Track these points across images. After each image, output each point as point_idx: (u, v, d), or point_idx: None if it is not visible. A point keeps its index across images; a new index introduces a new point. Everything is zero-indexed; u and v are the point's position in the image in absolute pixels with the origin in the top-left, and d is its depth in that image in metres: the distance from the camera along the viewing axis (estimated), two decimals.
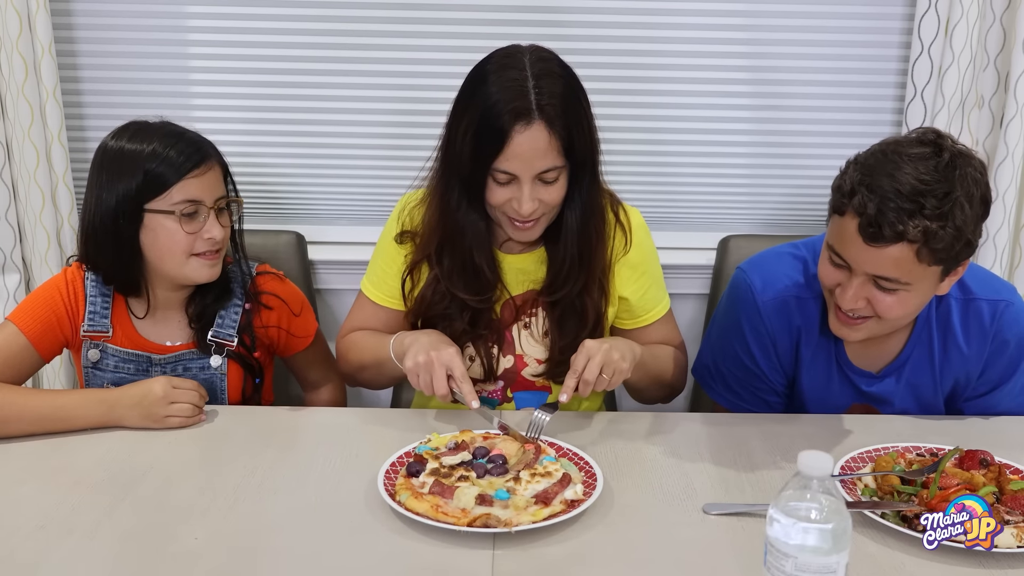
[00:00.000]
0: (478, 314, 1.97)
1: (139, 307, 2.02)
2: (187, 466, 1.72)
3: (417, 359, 1.78)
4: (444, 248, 1.94)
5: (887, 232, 1.65)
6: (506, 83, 1.77)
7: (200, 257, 1.93)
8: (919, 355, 1.95)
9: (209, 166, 1.93)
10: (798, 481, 1.22)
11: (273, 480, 1.66)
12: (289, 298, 2.13)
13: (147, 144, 1.89)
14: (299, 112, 2.69)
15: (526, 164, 1.78)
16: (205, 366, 2.03)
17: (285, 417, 1.96)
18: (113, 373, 2.01)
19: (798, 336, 1.97)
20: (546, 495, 1.55)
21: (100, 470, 1.68)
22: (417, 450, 1.70)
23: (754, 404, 2.05)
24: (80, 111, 2.66)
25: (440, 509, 1.51)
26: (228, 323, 2.04)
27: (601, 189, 1.95)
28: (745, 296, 1.98)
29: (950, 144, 1.71)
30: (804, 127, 2.71)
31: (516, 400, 2.05)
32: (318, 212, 2.80)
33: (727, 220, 2.80)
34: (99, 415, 1.83)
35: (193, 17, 2.62)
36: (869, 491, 1.61)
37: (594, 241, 1.94)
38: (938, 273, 1.73)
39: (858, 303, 1.76)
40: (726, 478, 1.69)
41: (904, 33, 2.61)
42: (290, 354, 2.18)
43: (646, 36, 2.63)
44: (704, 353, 2.14)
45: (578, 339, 1.89)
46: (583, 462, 1.70)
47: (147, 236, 1.90)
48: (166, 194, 1.87)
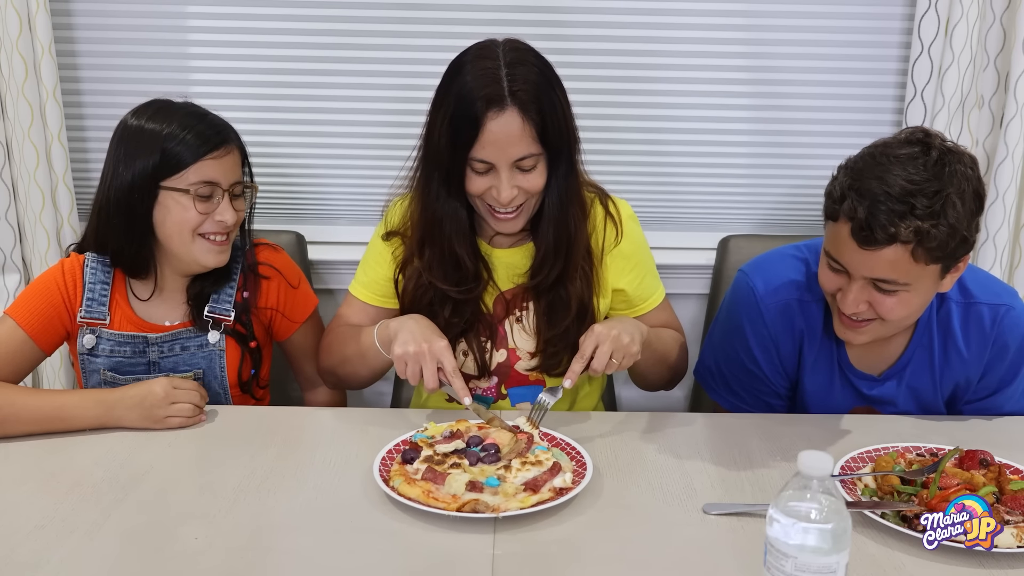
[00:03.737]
0: (460, 306, 1.97)
1: (144, 289, 2.02)
2: (187, 466, 1.73)
3: (407, 348, 1.77)
4: (425, 240, 1.95)
5: (879, 235, 1.65)
6: (479, 71, 1.80)
7: (208, 241, 1.94)
8: (920, 358, 1.95)
9: (228, 150, 1.94)
10: (798, 481, 1.22)
11: (273, 480, 1.66)
12: (285, 269, 2.13)
13: (167, 124, 1.90)
14: (300, 111, 2.69)
15: (501, 151, 1.80)
16: (203, 343, 2.03)
17: (285, 417, 1.96)
18: (108, 358, 2.00)
19: (801, 339, 1.97)
20: (535, 483, 1.58)
21: (100, 470, 1.68)
22: (413, 438, 1.72)
23: (756, 406, 2.05)
24: (80, 111, 2.66)
25: (431, 495, 1.54)
26: (224, 298, 2.04)
27: (580, 178, 1.96)
28: (747, 298, 1.98)
29: (939, 143, 1.71)
30: (804, 127, 2.71)
31: (511, 397, 2.05)
32: (319, 211, 2.80)
33: (727, 220, 2.80)
34: (98, 415, 1.83)
35: (194, 17, 2.62)
36: (869, 491, 1.61)
37: (573, 228, 1.94)
38: (937, 271, 1.73)
39: (859, 307, 1.76)
40: (726, 478, 1.69)
41: (904, 33, 2.61)
42: (289, 334, 2.16)
43: (645, 36, 2.63)
44: (706, 355, 2.14)
45: (566, 330, 1.93)
46: (574, 452, 1.72)
47: (160, 213, 1.91)
48: (182, 174, 1.89)
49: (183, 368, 2.03)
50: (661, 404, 2.59)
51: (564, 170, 1.89)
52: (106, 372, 2.01)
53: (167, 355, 2.02)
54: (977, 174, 1.72)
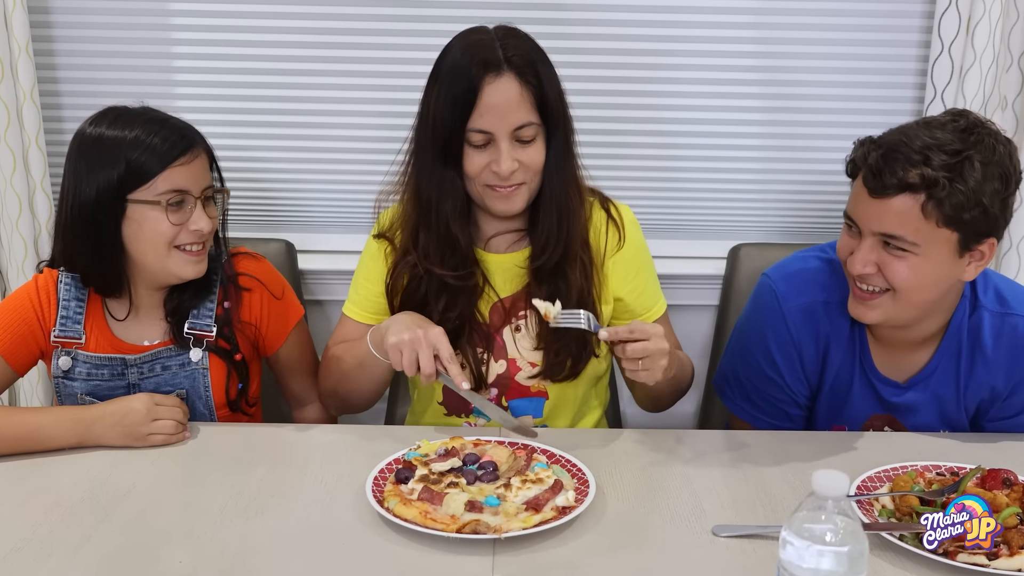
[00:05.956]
0: (455, 297, 1.97)
1: (119, 309, 2.01)
2: (170, 486, 1.73)
3: (402, 336, 1.78)
4: (420, 225, 1.97)
5: (889, 180, 1.69)
6: (472, 43, 1.88)
7: (184, 252, 1.92)
8: (946, 366, 1.96)
9: (195, 154, 1.91)
10: (812, 501, 1.22)
11: (261, 500, 1.66)
12: (268, 279, 2.11)
13: (129, 131, 1.87)
14: (289, 113, 2.69)
15: (500, 119, 1.84)
16: (185, 362, 2.02)
17: (273, 434, 1.96)
18: (85, 382, 1.99)
19: (826, 343, 1.98)
20: (537, 501, 1.58)
21: (80, 490, 1.68)
22: (406, 457, 1.73)
23: (774, 416, 2.06)
24: (59, 113, 2.66)
25: (429, 516, 1.54)
26: (205, 313, 2.02)
27: (577, 163, 1.99)
28: (769, 303, 1.99)
29: (975, 117, 1.75)
30: (818, 130, 2.72)
31: (512, 409, 2.05)
32: (309, 219, 2.80)
33: (737, 228, 2.80)
34: (76, 435, 1.82)
35: (177, 15, 2.62)
36: (887, 512, 1.61)
37: (573, 210, 1.97)
38: (953, 243, 1.74)
39: (867, 267, 1.78)
40: (737, 498, 1.70)
41: (923, 32, 2.61)
42: (276, 347, 2.14)
43: (651, 34, 2.63)
44: (724, 363, 2.14)
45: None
46: (575, 469, 1.72)
47: (130, 228, 1.89)
48: (151, 184, 1.86)
49: (165, 389, 2.01)
50: (668, 420, 2.58)
51: (561, 149, 1.94)
52: (83, 396, 2.00)
53: (147, 376, 2.01)
54: (1010, 155, 1.74)
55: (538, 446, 1.78)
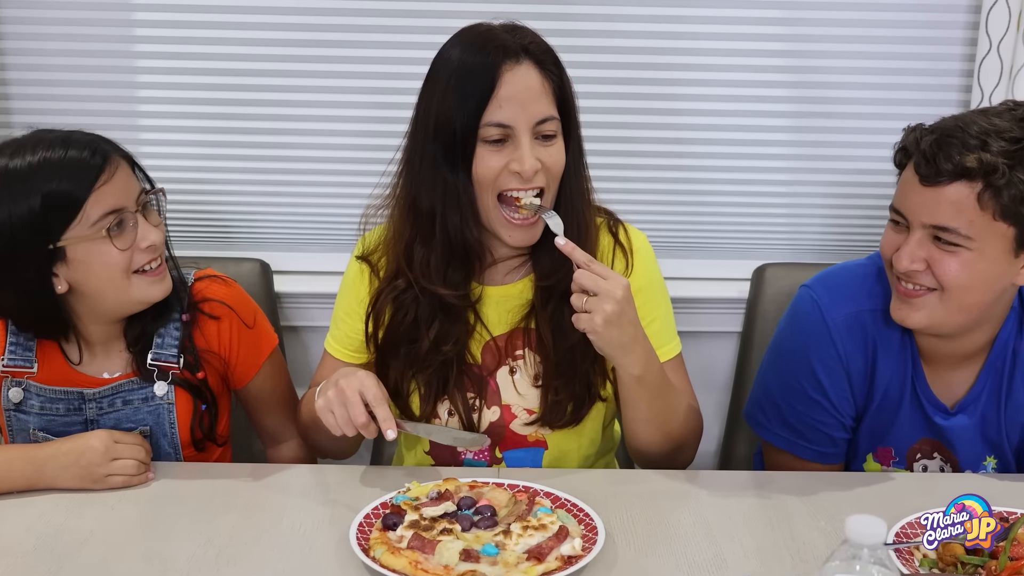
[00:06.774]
0: (449, 317, 1.95)
1: (71, 350, 2.00)
2: (132, 533, 1.73)
3: (327, 395, 1.77)
4: (417, 242, 1.93)
5: (944, 166, 1.71)
6: (481, 33, 1.87)
7: (144, 275, 1.90)
8: (992, 385, 1.97)
9: (115, 164, 1.86)
10: (846, 550, 1.23)
11: (233, 550, 1.66)
12: (239, 305, 2.10)
13: (33, 156, 1.81)
14: (264, 119, 2.71)
15: (521, 109, 1.82)
16: (149, 396, 2.01)
17: (246, 475, 1.96)
18: (39, 416, 1.99)
19: (874, 354, 1.98)
20: (540, 550, 1.58)
21: (32, 538, 1.69)
22: (394, 500, 1.73)
23: (816, 442, 2.05)
24: (10, 132, 2.65)
25: (420, 566, 1.54)
26: (169, 342, 2.02)
27: (587, 173, 1.99)
28: (811, 315, 2.00)
29: None
30: (852, 137, 2.73)
31: (507, 460, 2.03)
32: (286, 236, 2.81)
33: (763, 246, 2.82)
34: (27, 477, 1.82)
35: (141, 25, 2.63)
36: (928, 562, 1.61)
37: (588, 221, 1.96)
38: (1009, 238, 1.75)
39: (915, 263, 1.79)
40: (761, 546, 1.70)
41: (969, 28, 2.62)
42: (247, 380, 2.13)
43: (668, 40, 2.65)
44: (756, 389, 2.14)
45: (571, 361, 1.93)
46: (583, 514, 1.72)
47: (77, 271, 1.85)
48: (81, 215, 1.81)
49: (127, 426, 2.00)
50: None
51: (577, 155, 1.94)
52: (36, 432, 2.00)
53: (107, 411, 2.01)
54: None
55: (542, 489, 1.78)
